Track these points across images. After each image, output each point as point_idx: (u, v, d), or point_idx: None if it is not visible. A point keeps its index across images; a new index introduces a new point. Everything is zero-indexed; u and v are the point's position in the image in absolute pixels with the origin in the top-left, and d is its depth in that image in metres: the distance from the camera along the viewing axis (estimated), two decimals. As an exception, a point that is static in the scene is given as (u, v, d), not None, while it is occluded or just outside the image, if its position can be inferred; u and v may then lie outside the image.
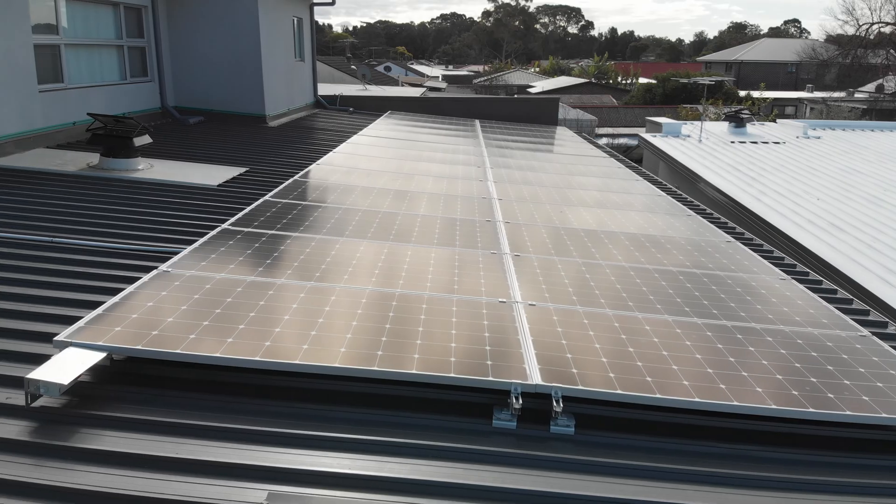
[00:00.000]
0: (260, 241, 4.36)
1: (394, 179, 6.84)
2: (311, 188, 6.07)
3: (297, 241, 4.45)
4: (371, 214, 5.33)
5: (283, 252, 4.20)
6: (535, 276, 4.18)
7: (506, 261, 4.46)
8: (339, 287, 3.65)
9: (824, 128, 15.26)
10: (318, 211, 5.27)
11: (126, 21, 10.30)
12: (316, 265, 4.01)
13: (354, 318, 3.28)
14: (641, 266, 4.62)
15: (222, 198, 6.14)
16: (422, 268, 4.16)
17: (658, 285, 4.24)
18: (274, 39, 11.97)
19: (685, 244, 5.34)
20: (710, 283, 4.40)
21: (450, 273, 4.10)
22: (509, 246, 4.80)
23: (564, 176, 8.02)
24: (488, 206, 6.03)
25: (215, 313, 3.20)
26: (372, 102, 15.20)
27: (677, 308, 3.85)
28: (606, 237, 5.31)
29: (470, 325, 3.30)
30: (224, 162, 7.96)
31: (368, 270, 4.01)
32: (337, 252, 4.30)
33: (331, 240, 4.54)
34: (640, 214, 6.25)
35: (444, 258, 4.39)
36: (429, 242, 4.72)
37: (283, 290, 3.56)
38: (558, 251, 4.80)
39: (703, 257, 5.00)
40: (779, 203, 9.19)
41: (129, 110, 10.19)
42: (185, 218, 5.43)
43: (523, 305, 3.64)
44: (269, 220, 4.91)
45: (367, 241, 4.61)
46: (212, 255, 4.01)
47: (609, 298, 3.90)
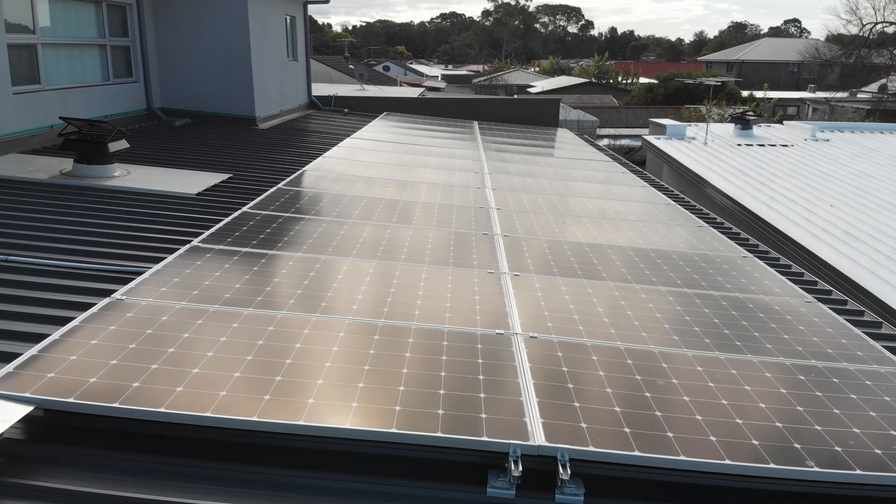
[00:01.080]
0: (231, 261, 3.94)
1: (386, 188, 6.41)
2: (295, 198, 5.65)
3: (273, 260, 4.03)
4: (359, 227, 4.90)
5: (255, 274, 3.77)
6: (537, 301, 3.76)
7: (504, 282, 4.04)
8: (315, 318, 3.23)
9: (832, 129, 14.84)
10: (299, 224, 4.85)
11: (109, 19, 9.87)
12: (291, 290, 3.58)
13: (328, 356, 2.85)
14: (653, 287, 4.20)
15: (200, 208, 5.72)
16: (411, 291, 3.74)
17: (673, 310, 3.82)
18: (265, 38, 11.54)
19: (699, 260, 4.91)
20: (729, 307, 3.98)
21: (442, 298, 3.68)
22: (508, 264, 4.38)
23: (566, 182, 7.59)
24: (486, 217, 5.61)
25: (167, 353, 2.77)
26: (368, 103, 14.77)
27: (697, 340, 3.43)
28: (614, 253, 4.89)
29: (463, 366, 2.88)
30: (207, 167, 7.53)
31: (350, 296, 3.58)
32: (316, 273, 3.88)
33: (311, 258, 4.12)
34: (648, 226, 5.83)
35: (436, 279, 3.97)
36: (420, 261, 4.30)
37: (251, 321, 3.13)
38: (562, 270, 4.38)
39: (720, 276, 4.58)
40: (791, 210, 8.76)
41: (113, 112, 9.76)
42: (156, 231, 5.00)
43: (523, 338, 3.22)
44: (244, 235, 4.49)
45: (352, 259, 4.19)
46: (174, 279, 3.59)
47: (620, 328, 3.48)
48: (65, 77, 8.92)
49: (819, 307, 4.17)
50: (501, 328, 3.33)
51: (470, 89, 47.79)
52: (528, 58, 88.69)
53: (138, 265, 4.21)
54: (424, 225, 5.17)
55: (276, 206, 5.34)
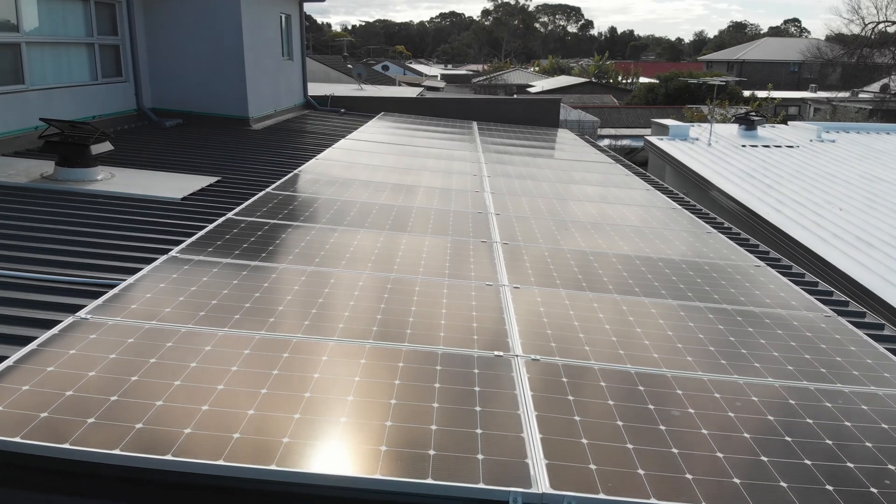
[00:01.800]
0: (210, 274, 3.66)
1: (380, 192, 6.14)
2: (284, 203, 5.37)
3: (255, 272, 3.75)
4: (350, 235, 4.63)
5: (235, 288, 3.50)
6: (538, 317, 3.49)
7: (503, 295, 3.77)
8: (297, 340, 2.95)
9: (838, 130, 14.58)
10: (286, 232, 4.57)
11: (98, 17, 9.59)
12: (272, 306, 3.31)
13: (308, 385, 2.58)
14: (662, 300, 3.93)
15: (184, 214, 5.44)
16: (403, 307, 3.47)
17: (685, 327, 3.55)
18: (259, 37, 11.26)
19: (710, 270, 4.64)
20: (745, 322, 3.71)
21: (436, 314, 3.40)
22: (507, 275, 4.10)
23: (567, 185, 7.32)
24: (484, 222, 5.34)
25: (129, 383, 2.50)
26: (365, 103, 14.50)
27: (713, 362, 3.15)
28: (619, 262, 4.61)
29: (457, 396, 2.61)
30: (196, 170, 7.26)
31: (336, 313, 3.31)
32: (302, 287, 3.60)
33: (296, 270, 3.84)
34: (655, 232, 5.55)
35: (431, 293, 3.69)
36: (414, 272, 4.03)
37: (225, 343, 2.86)
38: (564, 281, 4.10)
39: (733, 287, 4.31)
40: (800, 214, 8.50)
41: (101, 113, 9.49)
42: (135, 240, 4.73)
43: (524, 361, 2.95)
44: (226, 243, 4.21)
45: (341, 270, 3.91)
46: (146, 295, 3.31)
47: (628, 348, 3.21)
48: (50, 77, 8.64)
49: (840, 322, 3.90)
50: (500, 349, 3.06)
51: (469, 89, 47.54)
52: (528, 57, 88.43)
53: (112, 277, 3.94)
54: (420, 232, 4.90)
55: (262, 211, 5.06)
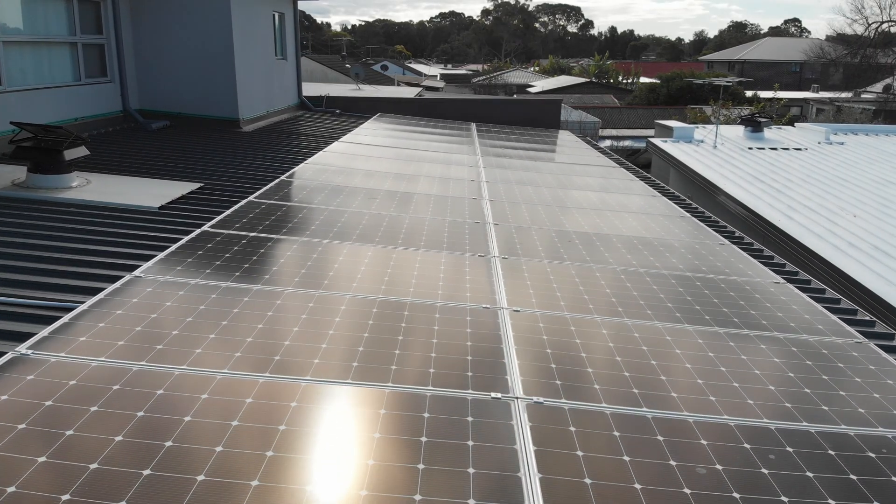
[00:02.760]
0: (174, 298, 3.29)
1: (371, 200, 5.77)
2: (266, 213, 5.00)
3: (225, 295, 3.38)
4: (334, 250, 4.25)
5: (200, 316, 3.12)
6: (541, 347, 3.11)
7: (501, 319, 3.39)
8: (263, 381, 2.58)
9: (846, 132, 14.20)
10: (265, 247, 4.20)
11: (81, 15, 9.21)
12: (240, 337, 2.94)
13: (271, 442, 2.21)
14: (679, 325, 3.56)
15: (159, 225, 5.07)
16: (390, 333, 3.10)
17: (705, 358, 3.18)
18: (250, 36, 10.89)
19: (727, 288, 4.26)
20: (770, 352, 3.33)
21: (426, 343, 3.03)
22: (506, 296, 3.73)
23: (570, 191, 6.95)
24: (482, 233, 4.96)
25: (64, 437, 2.13)
26: (362, 103, 14.12)
27: (739, 403, 2.78)
28: (629, 280, 4.24)
29: (449, 428, 2.23)
30: (179, 175, 6.89)
31: (313, 345, 2.94)
32: (275, 314, 3.23)
33: (271, 293, 3.47)
34: (665, 244, 5.18)
35: (420, 319, 3.32)
36: (403, 293, 3.66)
37: (181, 386, 2.49)
38: (571, 303, 3.73)
39: (753, 308, 3.93)
40: (812, 221, 8.13)
41: (84, 115, 9.11)
42: (102, 255, 4.35)
43: (525, 405, 2.58)
44: (198, 260, 3.84)
45: (321, 291, 3.54)
46: (100, 324, 2.94)
47: (645, 385, 2.83)
48: (31, 77, 8.27)
49: (873, 350, 3.52)
50: (498, 392, 2.69)
51: (469, 89, 47.18)
52: (528, 57, 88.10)
53: (71, 299, 3.56)
54: (412, 245, 4.52)
55: (242, 223, 4.68)
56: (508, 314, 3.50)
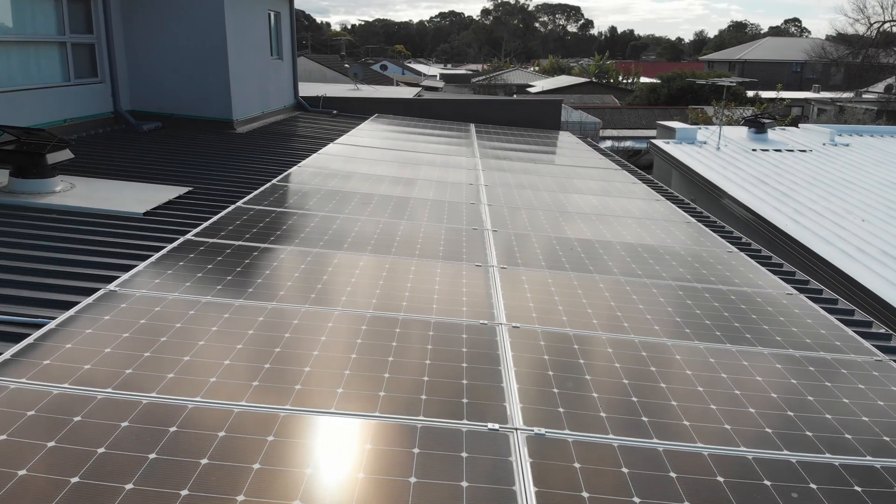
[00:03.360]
0: (150, 314, 3.07)
1: (364, 206, 5.55)
2: (254, 219, 4.78)
3: (204, 312, 3.16)
4: (323, 261, 4.04)
5: (177, 334, 2.91)
6: (543, 369, 2.90)
7: (500, 337, 3.18)
8: (239, 411, 2.36)
9: (850, 133, 13.99)
10: (250, 257, 3.98)
11: (70, 14, 8.99)
12: (218, 360, 2.72)
13: (240, 487, 1.99)
14: (690, 345, 3.34)
15: (142, 232, 4.85)
16: (382, 346, 2.88)
17: (717, 380, 2.96)
18: (244, 35, 10.68)
19: (737, 300, 4.05)
20: (787, 373, 3.12)
21: (419, 364, 2.82)
22: (505, 312, 3.51)
23: (571, 196, 6.74)
24: (480, 240, 4.75)
25: (16, 478, 1.92)
26: (359, 104, 13.91)
27: (759, 434, 2.57)
28: (636, 292, 4.03)
29: (441, 470, 2.02)
30: (168, 179, 6.67)
31: (296, 368, 2.73)
32: (257, 332, 3.02)
33: (253, 309, 3.25)
34: (671, 253, 4.96)
35: (414, 338, 3.11)
36: (395, 308, 3.45)
37: (150, 417, 2.28)
38: (574, 319, 3.52)
39: (766, 322, 3.72)
40: (819, 225, 7.91)
41: (73, 116, 8.90)
42: (80, 265, 4.14)
43: (526, 437, 2.36)
44: (179, 272, 3.62)
45: (307, 307, 3.33)
46: (66, 345, 2.73)
47: (654, 412, 2.62)
48: (17, 78, 8.06)
49: (894, 368, 3.31)
50: (497, 424, 2.48)
51: (469, 89, 46.98)
52: (528, 57, 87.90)
53: (42, 315, 3.35)
54: (406, 254, 4.31)
55: (227, 231, 4.47)
56: (507, 331, 3.29)
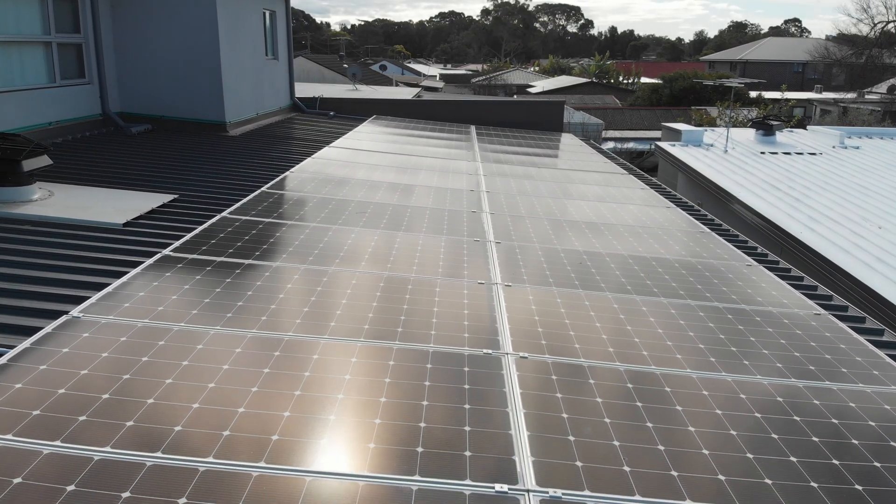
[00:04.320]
0: (113, 347, 2.74)
1: (359, 216, 5.22)
2: (239, 232, 4.45)
3: (175, 342, 2.83)
4: (311, 279, 3.71)
5: (142, 371, 2.57)
6: (552, 399, 2.58)
7: (507, 369, 2.85)
8: (205, 470, 2.03)
9: (860, 135, 13.66)
10: (231, 276, 3.64)
11: (56, 13, 8.66)
12: (185, 402, 2.39)
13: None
14: (717, 377, 3.01)
15: (120, 245, 4.52)
16: (374, 380, 2.55)
17: (753, 422, 2.63)
18: (238, 34, 10.35)
19: (762, 322, 3.72)
20: (828, 410, 2.79)
21: (413, 425, 2.49)
22: (511, 341, 3.18)
23: (577, 203, 6.40)
24: (482, 251, 4.42)
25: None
26: (357, 105, 13.57)
27: (798, 487, 2.24)
28: (652, 313, 3.69)
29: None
30: (154, 185, 6.34)
31: (270, 414, 2.39)
32: (233, 366, 2.68)
33: (229, 338, 2.92)
34: (690, 268, 4.63)
35: (410, 372, 2.78)
36: (390, 337, 3.11)
37: (99, 480, 1.94)
38: (588, 349, 3.18)
39: (798, 349, 3.38)
40: (835, 233, 7.58)
41: (59, 119, 8.56)
42: (49, 283, 3.81)
43: (540, 501, 2.03)
44: (152, 294, 3.29)
45: (292, 335, 2.99)
46: (15, 385, 2.39)
47: (679, 468, 2.29)
48: (0, 79, 7.73)
49: (944, 403, 2.98)
50: (501, 484, 2.15)
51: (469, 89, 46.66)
52: (528, 57, 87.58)
53: (2, 342, 3.02)
54: (403, 269, 3.98)
55: (209, 245, 4.14)
56: (514, 361, 2.95)
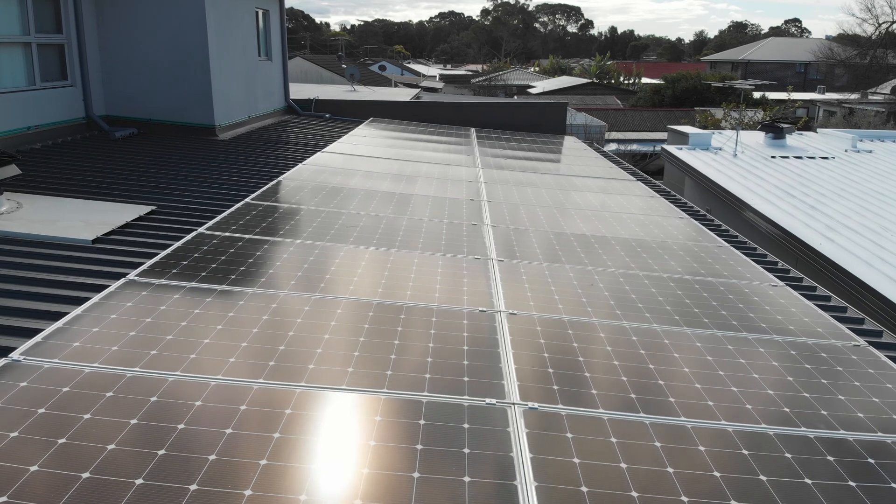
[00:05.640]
0: (50, 402, 2.33)
1: (348, 232, 4.81)
2: (215, 251, 4.03)
3: (126, 392, 2.42)
4: (291, 309, 3.30)
5: (81, 432, 2.16)
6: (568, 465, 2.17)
7: (513, 423, 2.45)
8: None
9: (872, 139, 13.26)
10: (201, 305, 3.23)
11: (36, 12, 8.24)
12: (139, 466, 1.98)
13: None
14: (758, 429, 2.61)
15: (84, 266, 4.10)
16: (357, 444, 2.15)
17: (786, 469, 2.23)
18: (229, 34, 9.94)
19: (798, 356, 3.31)
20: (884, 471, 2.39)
21: (404, 481, 2.09)
22: (519, 392, 2.77)
23: (587, 214, 6.00)
24: (485, 282, 4.02)
25: None
26: (354, 107, 13.15)
27: None
28: (675, 346, 3.28)
29: None
30: (132, 195, 5.93)
31: (241, 478, 1.98)
32: (195, 418, 2.27)
33: (192, 386, 2.51)
34: (709, 288, 4.22)
35: (395, 434, 2.37)
36: (377, 384, 2.71)
37: None
38: (607, 400, 2.78)
39: (842, 391, 2.98)
40: (855, 244, 7.17)
41: (40, 123, 8.15)
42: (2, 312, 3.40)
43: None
44: (107, 329, 2.88)
45: (262, 383, 2.58)
46: (-80, 456, 1.99)
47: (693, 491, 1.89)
48: (-27, 80, 7.34)
49: None
50: None
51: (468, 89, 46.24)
52: (528, 57, 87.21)
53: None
54: (396, 297, 3.57)
55: (181, 267, 3.73)
56: (521, 414, 2.55)
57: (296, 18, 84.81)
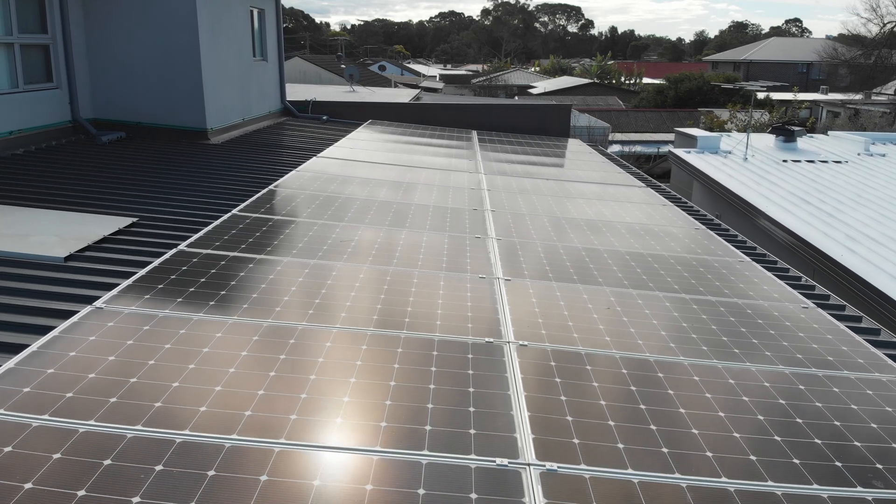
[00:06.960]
0: (9, 449, 1.98)
1: (341, 249, 4.45)
2: (195, 271, 3.67)
3: (77, 452, 2.07)
4: (275, 342, 2.94)
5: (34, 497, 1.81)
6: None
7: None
8: None
9: (884, 142, 12.89)
10: (174, 338, 2.87)
11: (19, 11, 7.89)
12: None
13: None
14: (800, 492, 2.26)
15: (54, 288, 3.74)
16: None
17: None
18: (221, 34, 9.58)
19: (842, 395, 2.95)
20: None
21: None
22: (534, 448, 2.42)
23: (596, 226, 5.64)
24: (490, 302, 3.66)
25: None
26: (352, 109, 12.78)
27: None
28: (701, 381, 2.93)
29: None
30: (113, 206, 5.58)
31: None
32: (160, 479, 1.92)
33: (156, 443, 2.16)
34: (737, 313, 3.86)
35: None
36: (371, 435, 2.35)
37: None
38: (623, 432, 2.42)
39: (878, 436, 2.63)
40: (879, 256, 6.81)
41: (24, 126, 7.80)
42: (-51, 344, 3.05)
43: None
44: (65, 370, 2.52)
45: (234, 440, 2.23)
46: None
47: None
48: (-48, 83, 6.98)
49: None
50: None
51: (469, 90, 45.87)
52: (528, 57, 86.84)
53: None
54: (392, 325, 3.22)
55: (155, 291, 3.37)
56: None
57: (295, 18, 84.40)
